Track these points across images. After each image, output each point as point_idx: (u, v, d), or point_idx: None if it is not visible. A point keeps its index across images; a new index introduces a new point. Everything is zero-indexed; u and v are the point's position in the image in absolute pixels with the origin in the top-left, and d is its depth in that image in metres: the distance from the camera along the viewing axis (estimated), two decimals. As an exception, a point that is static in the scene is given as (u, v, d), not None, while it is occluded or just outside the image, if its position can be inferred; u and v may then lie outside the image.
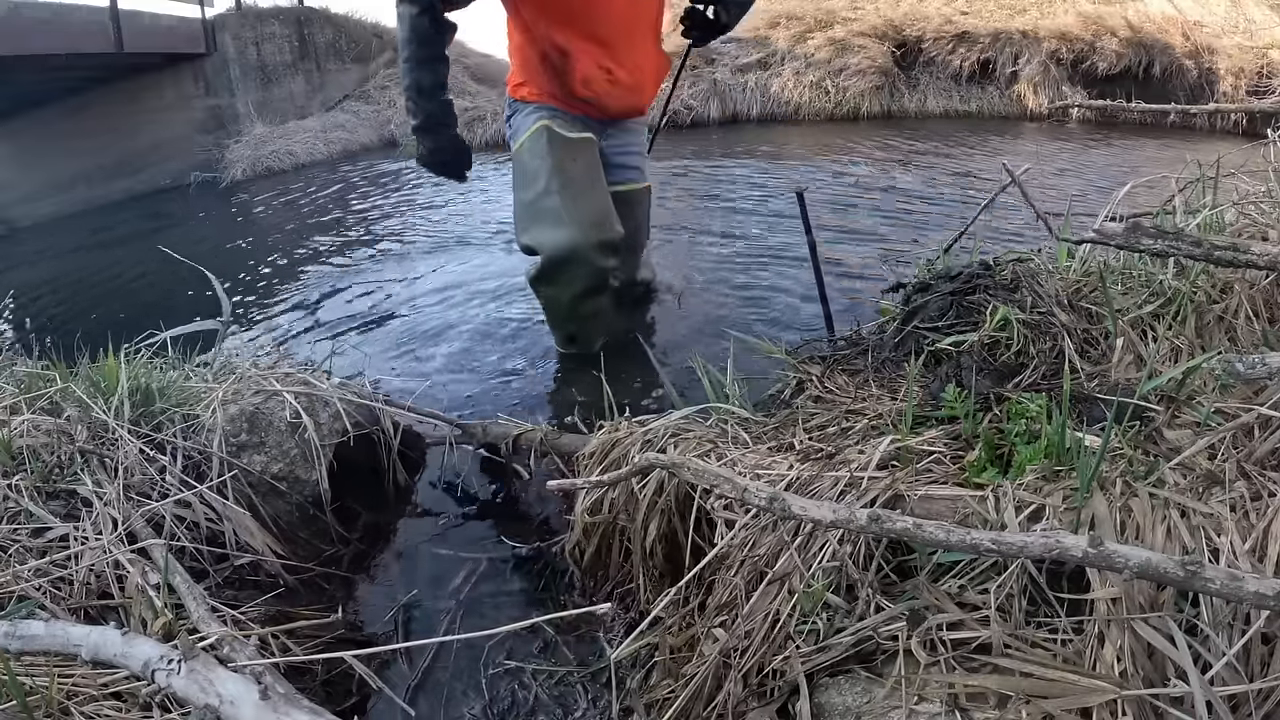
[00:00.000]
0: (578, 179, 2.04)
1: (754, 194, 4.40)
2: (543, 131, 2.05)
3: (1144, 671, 0.77)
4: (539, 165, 2.04)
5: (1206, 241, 1.14)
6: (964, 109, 7.48)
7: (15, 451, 1.31)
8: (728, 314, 2.58)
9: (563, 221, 1.97)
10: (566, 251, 1.97)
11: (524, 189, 2.07)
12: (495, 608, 1.39)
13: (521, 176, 2.09)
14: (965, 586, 0.90)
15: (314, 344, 2.62)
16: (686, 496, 1.19)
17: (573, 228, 1.96)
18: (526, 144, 2.08)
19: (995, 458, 1.05)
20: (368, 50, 8.42)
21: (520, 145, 2.11)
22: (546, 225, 1.99)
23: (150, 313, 1.81)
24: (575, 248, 1.96)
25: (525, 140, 2.09)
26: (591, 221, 2.00)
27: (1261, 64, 6.72)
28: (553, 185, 2.00)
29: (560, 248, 1.96)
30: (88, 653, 0.94)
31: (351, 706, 1.15)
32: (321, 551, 1.47)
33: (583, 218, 1.99)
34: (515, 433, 1.65)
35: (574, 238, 1.96)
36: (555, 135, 2.05)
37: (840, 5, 8.28)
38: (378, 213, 4.58)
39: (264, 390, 1.52)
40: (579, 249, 1.97)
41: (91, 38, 5.11)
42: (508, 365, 2.32)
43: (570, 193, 2.01)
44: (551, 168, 2.02)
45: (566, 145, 2.06)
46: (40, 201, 5.79)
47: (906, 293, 1.57)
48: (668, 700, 1.01)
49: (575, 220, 1.97)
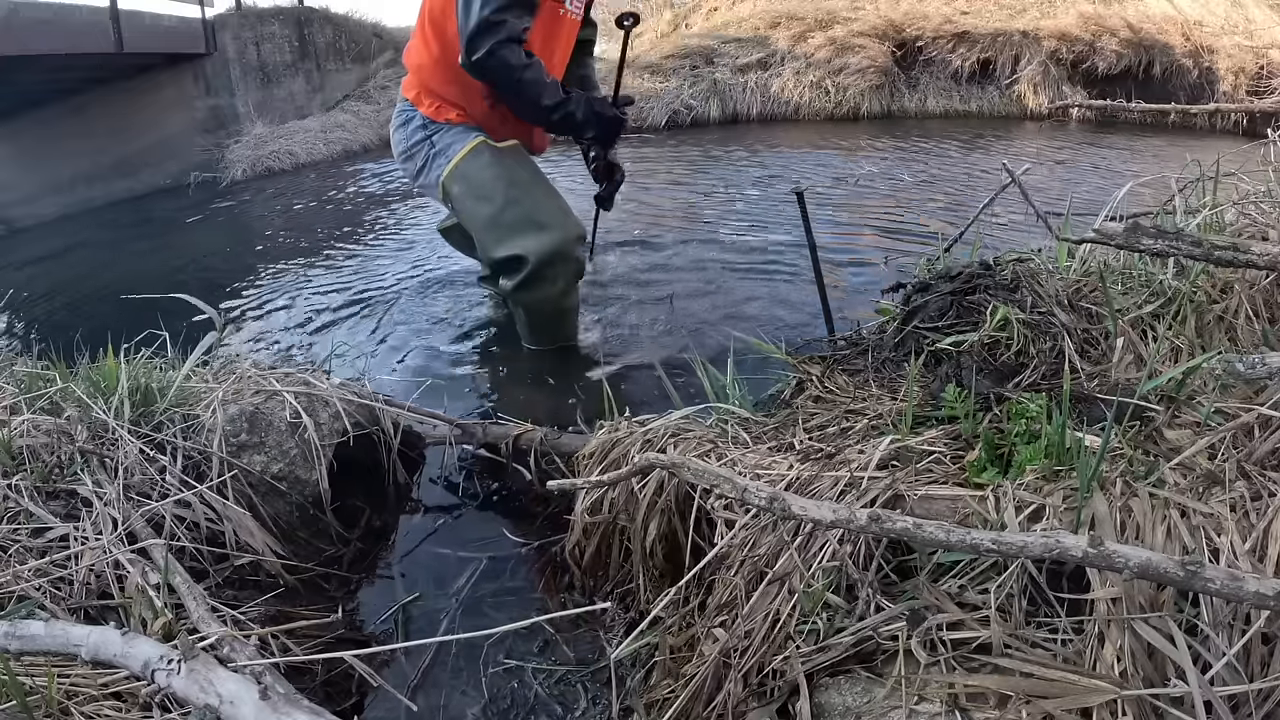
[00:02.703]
0: (531, 182, 2.13)
1: (754, 194, 4.40)
2: (482, 147, 2.11)
3: (1144, 671, 0.77)
4: (490, 176, 2.08)
5: (1206, 241, 1.14)
6: (964, 109, 7.47)
7: (15, 451, 1.31)
8: (728, 314, 2.58)
9: (542, 225, 2.04)
10: (552, 253, 2.03)
11: (482, 203, 2.09)
12: (495, 607, 1.39)
13: (475, 190, 2.10)
14: (965, 586, 0.90)
15: (314, 344, 2.62)
16: (686, 496, 1.19)
17: (553, 229, 2.04)
18: (468, 159, 2.11)
19: (995, 458, 1.05)
20: (368, 50, 8.40)
21: (458, 162, 2.11)
22: (526, 233, 2.04)
23: (150, 313, 1.80)
24: (560, 247, 2.04)
25: (465, 156, 2.11)
26: (564, 218, 2.09)
27: (1261, 64, 6.71)
28: (512, 194, 2.07)
29: (547, 250, 2.02)
30: (88, 653, 0.94)
31: (351, 706, 1.15)
32: (321, 551, 1.47)
33: (556, 217, 2.07)
34: (515, 433, 1.65)
35: (557, 238, 2.04)
36: (493, 147, 2.12)
37: (840, 5, 8.28)
38: (378, 212, 4.58)
39: (264, 390, 1.52)
40: (563, 247, 2.05)
41: (91, 38, 5.10)
42: (508, 365, 2.32)
43: (533, 197, 2.09)
44: (505, 177, 2.08)
45: (507, 153, 2.14)
46: (40, 201, 5.78)
47: (906, 293, 1.57)
48: (668, 700, 1.01)
49: (552, 221, 2.05)
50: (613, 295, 2.79)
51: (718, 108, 7.41)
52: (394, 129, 2.27)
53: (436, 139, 2.16)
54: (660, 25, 10.50)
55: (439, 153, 2.16)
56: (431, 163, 2.18)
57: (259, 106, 6.84)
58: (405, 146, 2.22)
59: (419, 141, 2.19)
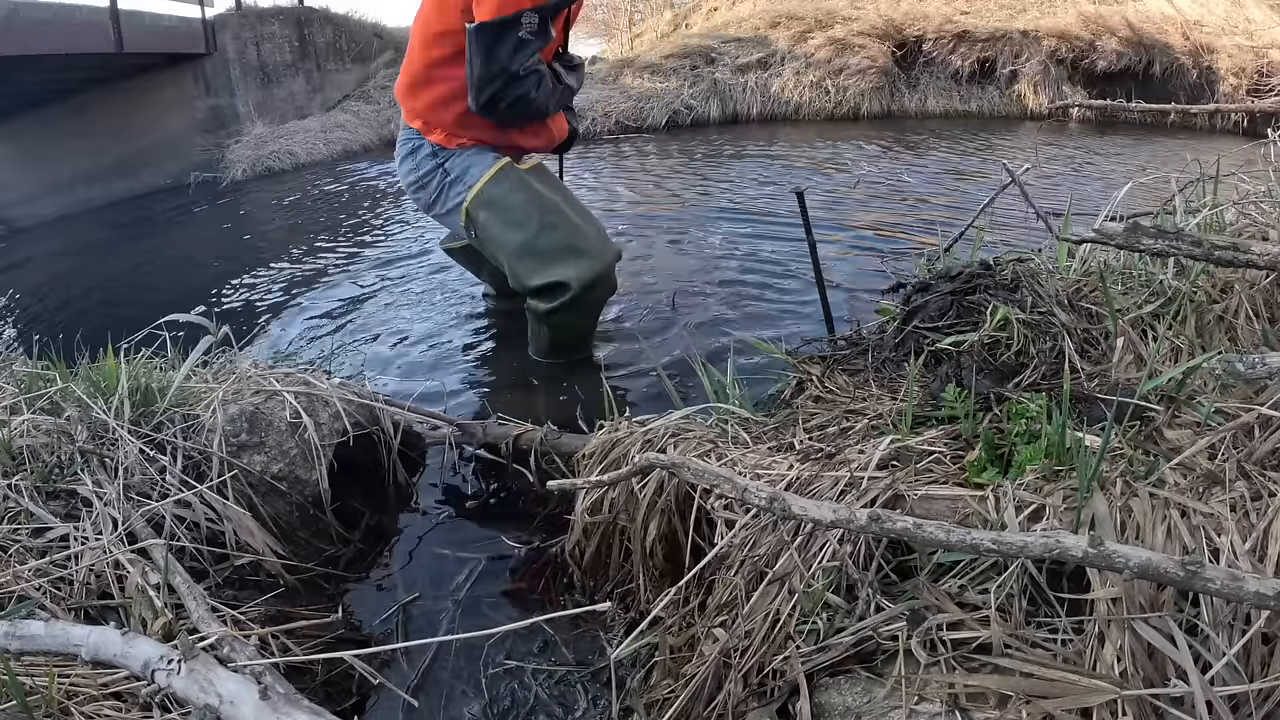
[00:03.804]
0: (562, 205, 2.09)
1: (754, 194, 4.40)
2: (508, 170, 2.05)
3: (1144, 671, 0.77)
4: (520, 201, 2.02)
5: (1206, 241, 1.14)
6: (964, 109, 7.48)
7: (15, 451, 1.31)
8: (728, 314, 2.58)
9: (581, 251, 2.02)
10: (594, 278, 2.02)
11: (514, 229, 2.02)
12: (495, 608, 1.39)
13: (505, 216, 2.02)
14: (965, 586, 0.90)
15: (314, 344, 2.62)
16: (686, 496, 1.19)
17: (593, 254, 2.03)
18: (493, 184, 2.03)
19: (995, 458, 1.05)
20: (368, 50, 8.41)
21: (482, 187, 2.03)
22: (566, 260, 2.00)
23: (150, 313, 1.80)
24: (602, 272, 2.04)
25: (490, 180, 2.03)
26: (603, 242, 2.08)
27: (1261, 64, 6.72)
28: (547, 219, 2.02)
29: (589, 277, 2.01)
30: (88, 653, 0.94)
31: (351, 706, 1.15)
32: (321, 551, 1.47)
33: (595, 241, 2.06)
34: (515, 433, 1.65)
35: (598, 264, 2.03)
36: (518, 171, 2.08)
37: (840, 5, 8.28)
38: (378, 212, 4.58)
39: (264, 390, 1.52)
40: (605, 271, 2.05)
41: (91, 38, 5.11)
42: (509, 365, 2.32)
43: (568, 221, 2.05)
44: (536, 201, 2.03)
45: (534, 175, 2.12)
46: (40, 202, 5.79)
47: (906, 293, 1.57)
48: (668, 700, 1.01)
49: (590, 246, 2.04)
50: (613, 296, 2.78)
51: (718, 108, 7.41)
52: (400, 158, 2.15)
53: (450, 165, 2.07)
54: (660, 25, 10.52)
55: (456, 179, 2.06)
56: (448, 191, 2.08)
57: (259, 106, 6.84)
58: (416, 177, 2.11)
59: (430, 170, 2.08)
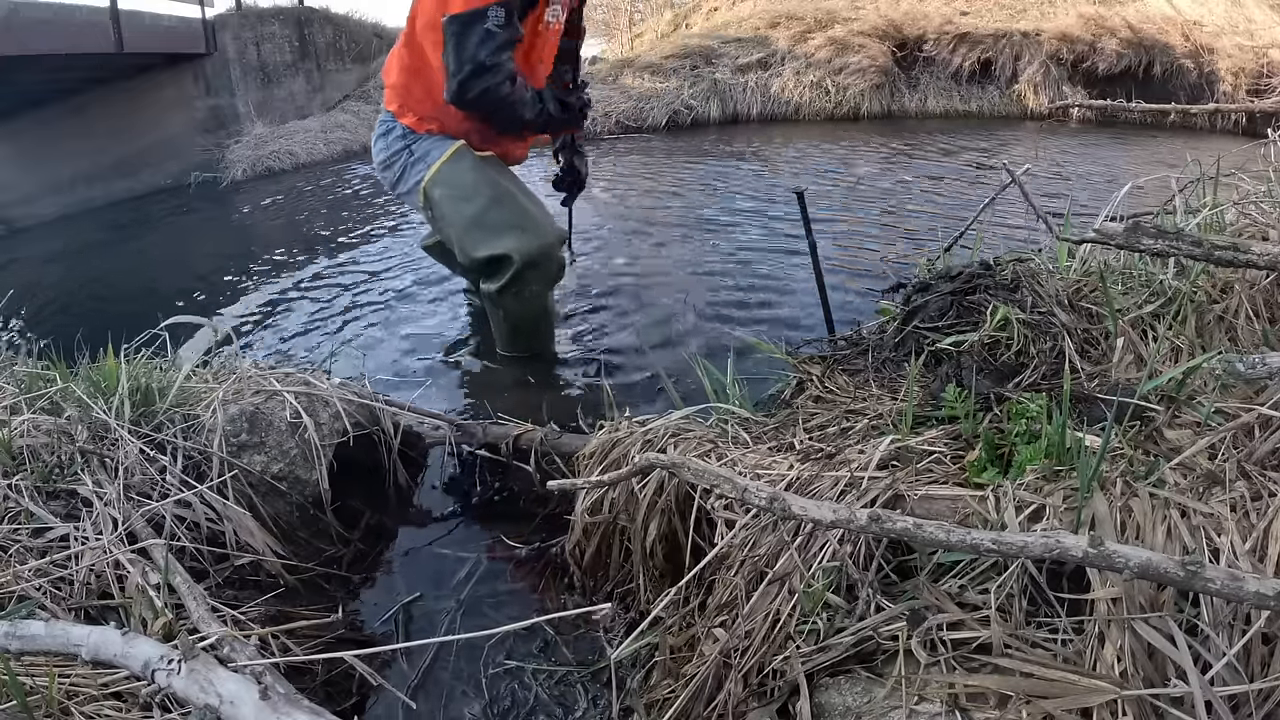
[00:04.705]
0: (512, 187, 2.16)
1: (754, 194, 4.41)
2: (464, 151, 2.14)
3: (1144, 671, 0.77)
4: (473, 179, 2.11)
5: (1206, 241, 1.14)
6: (964, 109, 7.48)
7: (15, 451, 1.31)
8: (728, 313, 2.58)
9: (525, 226, 2.08)
10: (538, 253, 2.07)
11: (464, 203, 2.10)
12: (495, 608, 1.39)
13: (457, 192, 2.12)
14: (965, 586, 0.90)
15: (314, 344, 2.62)
16: (686, 496, 1.19)
17: (536, 230, 2.08)
18: (450, 163, 2.13)
19: (995, 458, 1.05)
20: (368, 50, 8.41)
21: (440, 166, 2.13)
22: (509, 233, 2.06)
23: (150, 313, 1.80)
24: (544, 247, 2.08)
25: (447, 160, 2.13)
26: (547, 221, 2.14)
27: (1261, 64, 6.72)
28: (496, 194, 2.10)
29: (531, 250, 2.06)
30: (88, 653, 0.94)
31: (352, 706, 1.15)
32: (321, 551, 1.47)
33: (538, 219, 2.12)
34: (515, 433, 1.65)
35: (540, 239, 2.08)
36: (474, 153, 2.16)
37: (840, 5, 8.29)
38: (378, 212, 4.58)
39: (264, 390, 1.51)
40: (546, 248, 2.09)
41: (91, 38, 5.10)
42: (509, 365, 2.32)
43: (516, 201, 2.12)
44: (487, 180, 2.12)
45: (488, 161, 2.18)
46: (40, 202, 5.78)
47: (906, 293, 1.57)
48: (668, 700, 1.01)
49: (534, 223, 2.10)
50: (613, 295, 2.79)
51: (718, 108, 7.40)
52: (375, 138, 2.30)
53: (415, 147, 2.18)
54: (660, 25, 10.52)
55: (418, 160, 2.17)
56: (410, 170, 2.19)
57: (259, 106, 6.84)
58: (385, 156, 2.24)
59: (398, 151, 2.21)
